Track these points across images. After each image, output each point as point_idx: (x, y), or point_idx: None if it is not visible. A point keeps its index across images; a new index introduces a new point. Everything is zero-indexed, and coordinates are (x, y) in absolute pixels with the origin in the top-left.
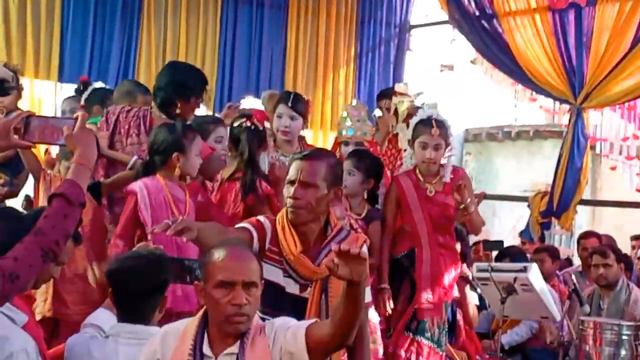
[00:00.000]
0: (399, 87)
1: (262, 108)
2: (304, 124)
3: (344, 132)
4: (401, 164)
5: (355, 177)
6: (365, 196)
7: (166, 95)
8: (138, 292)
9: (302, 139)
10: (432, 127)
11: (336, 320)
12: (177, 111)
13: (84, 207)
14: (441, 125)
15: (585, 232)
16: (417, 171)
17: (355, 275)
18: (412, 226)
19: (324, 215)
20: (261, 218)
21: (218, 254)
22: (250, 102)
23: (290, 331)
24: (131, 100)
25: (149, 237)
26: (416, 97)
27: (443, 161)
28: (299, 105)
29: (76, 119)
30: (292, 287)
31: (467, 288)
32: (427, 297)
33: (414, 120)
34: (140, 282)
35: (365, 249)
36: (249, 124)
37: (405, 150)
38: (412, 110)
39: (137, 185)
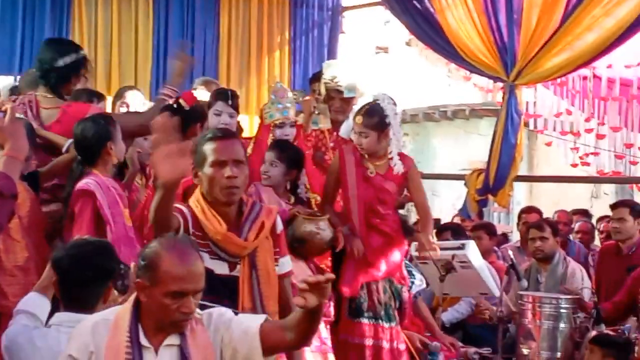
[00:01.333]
0: (323, 67)
1: None
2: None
3: (277, 115)
4: (325, 147)
5: (278, 168)
6: (288, 187)
7: (61, 74)
8: (82, 279)
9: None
10: (355, 115)
11: (297, 329)
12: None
13: (16, 199)
14: (371, 114)
15: (526, 207)
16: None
17: (322, 297)
18: (345, 203)
19: None
20: (178, 205)
21: (170, 260)
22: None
23: (237, 327)
24: (35, 88)
25: (109, 234)
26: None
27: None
28: (235, 102)
29: (5, 111)
30: (221, 268)
31: None
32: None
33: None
34: (85, 269)
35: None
36: (171, 102)
37: (328, 130)
38: (330, 91)
39: (91, 184)
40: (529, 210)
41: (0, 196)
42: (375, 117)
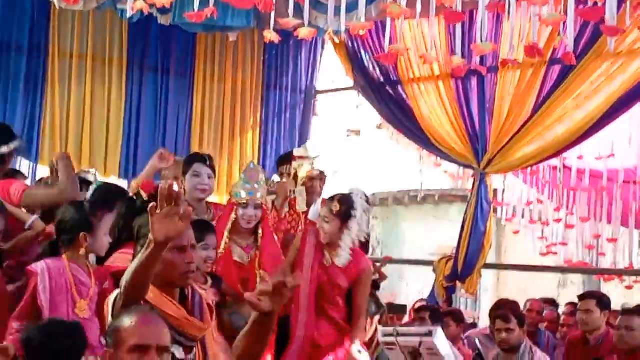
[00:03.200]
0: (297, 152)
1: None
2: None
3: (243, 194)
4: (301, 228)
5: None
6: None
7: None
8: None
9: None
10: (333, 200)
11: (248, 338)
12: None
13: None
14: (343, 203)
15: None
16: None
17: (276, 305)
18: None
19: None
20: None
21: (130, 319)
22: None
23: None
24: None
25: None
26: (315, 159)
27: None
28: (212, 163)
29: None
30: (178, 353)
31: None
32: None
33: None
34: (55, 349)
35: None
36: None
37: (303, 213)
38: (312, 173)
39: (39, 267)
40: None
41: None
42: (343, 206)
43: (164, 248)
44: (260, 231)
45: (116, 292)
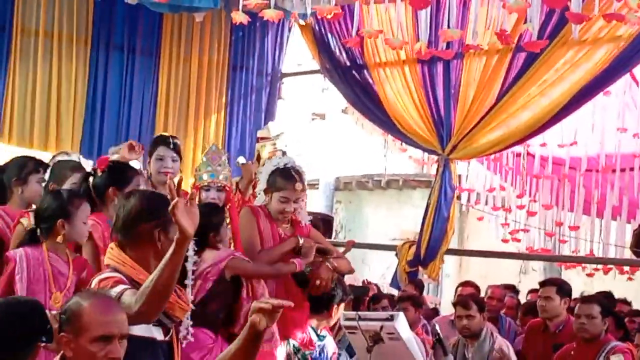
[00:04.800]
0: (260, 132)
1: None
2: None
3: (205, 177)
4: None
5: None
6: None
7: None
8: (10, 339)
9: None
10: (295, 181)
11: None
12: None
13: None
14: (301, 176)
15: (463, 282)
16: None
17: (270, 322)
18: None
19: None
20: (114, 274)
21: (90, 306)
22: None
23: None
24: None
25: None
26: (277, 138)
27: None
28: (178, 147)
29: None
30: (159, 334)
31: None
32: None
33: (267, 168)
34: (12, 328)
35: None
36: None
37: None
38: (275, 154)
39: (17, 253)
40: (465, 284)
41: None
42: (304, 177)
43: (189, 242)
44: (227, 214)
45: (117, 288)
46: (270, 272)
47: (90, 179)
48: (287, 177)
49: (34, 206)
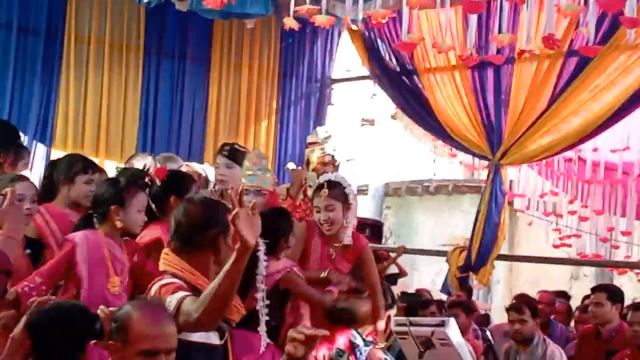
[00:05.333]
0: (310, 138)
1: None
2: None
3: (243, 180)
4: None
5: None
6: None
7: None
8: (59, 343)
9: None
10: (321, 188)
11: None
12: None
13: (10, 276)
14: (334, 185)
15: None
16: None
17: (309, 350)
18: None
19: None
20: (175, 280)
21: (141, 317)
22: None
23: None
24: None
25: (82, 292)
26: (325, 142)
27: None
28: (234, 154)
29: (5, 194)
30: (215, 339)
31: None
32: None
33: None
34: (61, 332)
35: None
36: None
37: None
38: (324, 159)
39: (78, 237)
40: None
41: None
42: (337, 188)
43: (250, 252)
44: None
45: (178, 294)
46: (318, 299)
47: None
48: (318, 187)
49: None
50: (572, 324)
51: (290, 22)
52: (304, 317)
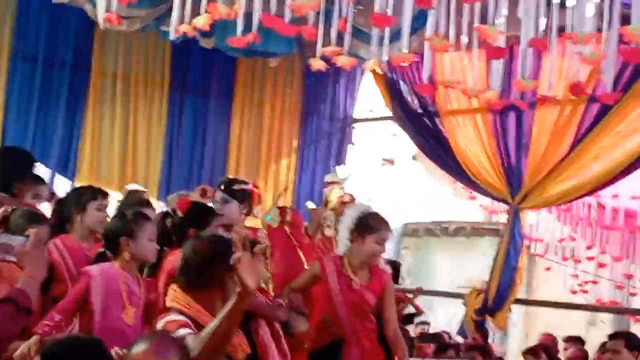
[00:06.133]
0: (328, 177)
1: None
2: (244, 207)
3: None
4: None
5: None
6: None
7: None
8: None
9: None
10: (388, 222)
11: None
12: (14, 191)
13: (31, 314)
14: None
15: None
16: (346, 260)
17: None
18: (332, 313)
19: None
20: (179, 317)
21: (145, 354)
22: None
23: None
24: None
25: (95, 324)
26: (344, 181)
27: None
28: (230, 187)
29: (28, 236)
30: None
31: None
32: None
33: (352, 213)
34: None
35: None
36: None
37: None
38: (343, 198)
39: (94, 269)
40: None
41: (16, 309)
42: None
43: (250, 297)
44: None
45: (180, 332)
46: (271, 314)
47: (169, 219)
48: (381, 219)
49: None
50: None
51: (316, 64)
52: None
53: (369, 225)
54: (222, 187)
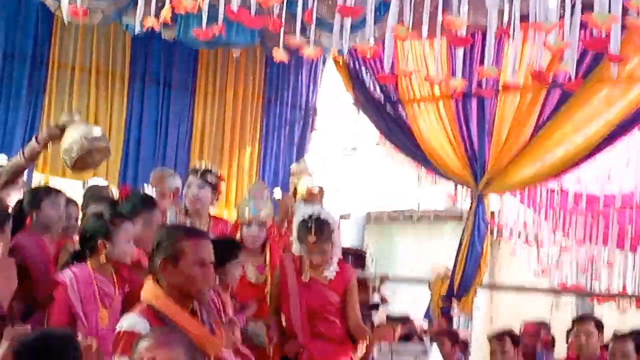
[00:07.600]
0: (294, 167)
1: None
2: (214, 194)
3: (246, 213)
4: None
5: None
6: None
7: None
8: None
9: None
10: (309, 234)
11: None
12: None
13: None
14: (321, 226)
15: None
16: (306, 260)
17: None
18: (286, 314)
19: None
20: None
21: (148, 342)
22: None
23: None
24: None
25: (81, 330)
26: (312, 172)
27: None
28: (206, 175)
29: None
30: None
31: None
32: None
33: (297, 218)
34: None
35: None
36: None
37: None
38: (312, 190)
39: (66, 275)
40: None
41: None
42: (326, 230)
43: None
44: (267, 251)
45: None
46: None
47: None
48: (305, 229)
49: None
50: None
51: (279, 55)
52: None
53: (299, 234)
54: (198, 173)
